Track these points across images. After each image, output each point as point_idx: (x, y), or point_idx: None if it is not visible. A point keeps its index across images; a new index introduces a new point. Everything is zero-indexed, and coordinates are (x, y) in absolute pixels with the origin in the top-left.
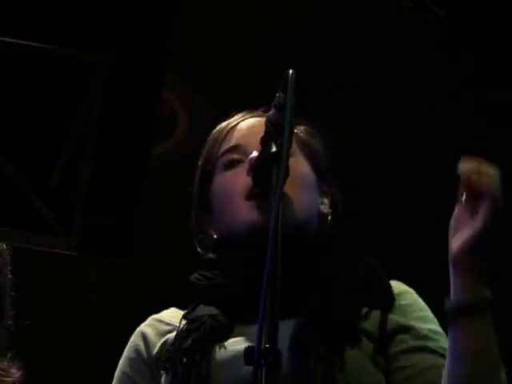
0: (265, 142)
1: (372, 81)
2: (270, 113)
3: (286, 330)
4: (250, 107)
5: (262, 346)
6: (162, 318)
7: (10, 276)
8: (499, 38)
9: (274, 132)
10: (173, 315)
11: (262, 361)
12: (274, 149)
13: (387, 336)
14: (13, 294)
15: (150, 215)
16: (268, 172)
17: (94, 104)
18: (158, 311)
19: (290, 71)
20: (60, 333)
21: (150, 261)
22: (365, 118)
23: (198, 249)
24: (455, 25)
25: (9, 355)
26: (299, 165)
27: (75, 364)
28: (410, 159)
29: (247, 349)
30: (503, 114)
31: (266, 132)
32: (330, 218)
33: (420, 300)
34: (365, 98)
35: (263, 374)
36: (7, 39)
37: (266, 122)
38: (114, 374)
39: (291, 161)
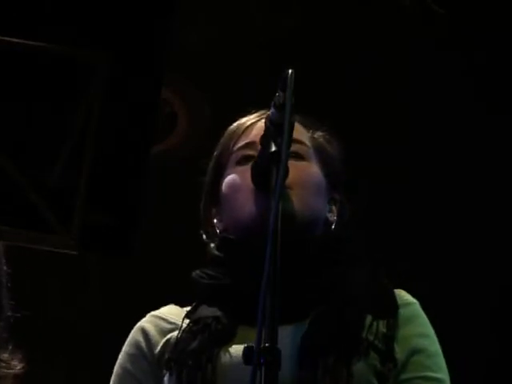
0: (264, 142)
1: (372, 80)
2: (270, 112)
3: (289, 335)
4: (249, 107)
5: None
6: (163, 316)
7: (5, 268)
8: (499, 37)
9: (273, 131)
10: (173, 313)
11: (261, 360)
12: (273, 148)
13: (393, 351)
14: (9, 285)
15: (150, 214)
16: (267, 171)
17: (94, 103)
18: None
19: (290, 71)
20: (60, 333)
21: (149, 261)
22: (364, 117)
23: (204, 238)
24: (455, 23)
25: (10, 347)
26: (311, 169)
27: (75, 364)
28: (409, 159)
29: (246, 348)
30: (504, 114)
31: (265, 131)
32: (334, 226)
33: (422, 313)
34: (364, 98)
35: (262, 373)
36: (6, 38)
37: (266, 121)
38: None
39: (304, 164)
